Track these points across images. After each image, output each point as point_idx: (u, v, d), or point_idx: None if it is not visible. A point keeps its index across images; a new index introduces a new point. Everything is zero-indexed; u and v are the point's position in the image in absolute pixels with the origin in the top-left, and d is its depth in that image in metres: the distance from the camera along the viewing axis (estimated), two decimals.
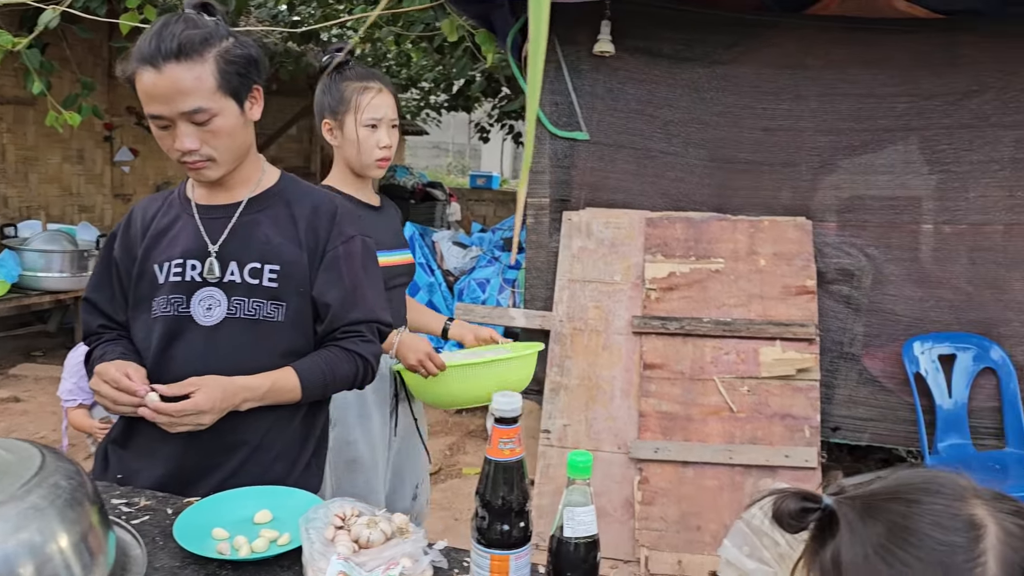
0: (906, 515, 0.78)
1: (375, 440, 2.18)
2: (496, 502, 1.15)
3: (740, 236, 3.55)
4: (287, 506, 1.43)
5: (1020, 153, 3.51)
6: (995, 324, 3.53)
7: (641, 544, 3.22)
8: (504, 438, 1.16)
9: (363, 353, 1.72)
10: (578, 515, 1.17)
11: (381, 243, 2.14)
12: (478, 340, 2.31)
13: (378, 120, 2.11)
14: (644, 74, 3.67)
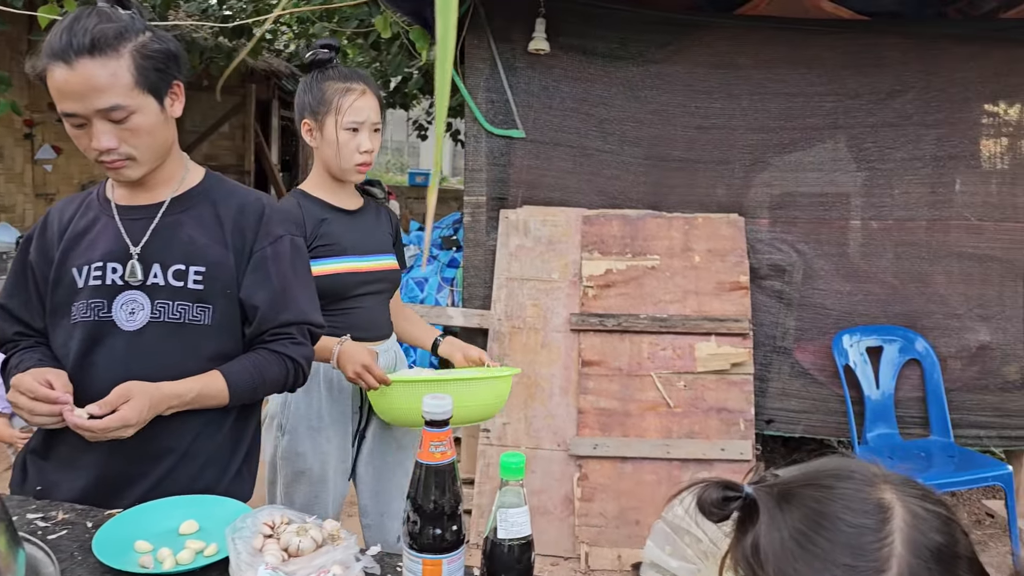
0: (819, 500, 0.81)
1: (327, 454, 2.13)
2: (428, 506, 1.14)
3: (675, 233, 3.60)
4: (215, 515, 1.39)
5: (941, 151, 3.63)
6: (919, 316, 3.64)
7: (581, 540, 3.24)
8: (435, 441, 1.14)
9: (293, 355, 1.68)
10: (511, 516, 1.16)
11: (351, 247, 2.11)
12: (467, 360, 2.21)
13: (359, 123, 2.05)
14: (579, 72, 3.69)
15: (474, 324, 3.64)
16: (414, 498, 1.15)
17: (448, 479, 1.15)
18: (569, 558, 3.27)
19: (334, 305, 2.09)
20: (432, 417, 1.14)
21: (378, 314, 2.18)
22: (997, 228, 3.64)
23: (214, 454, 1.67)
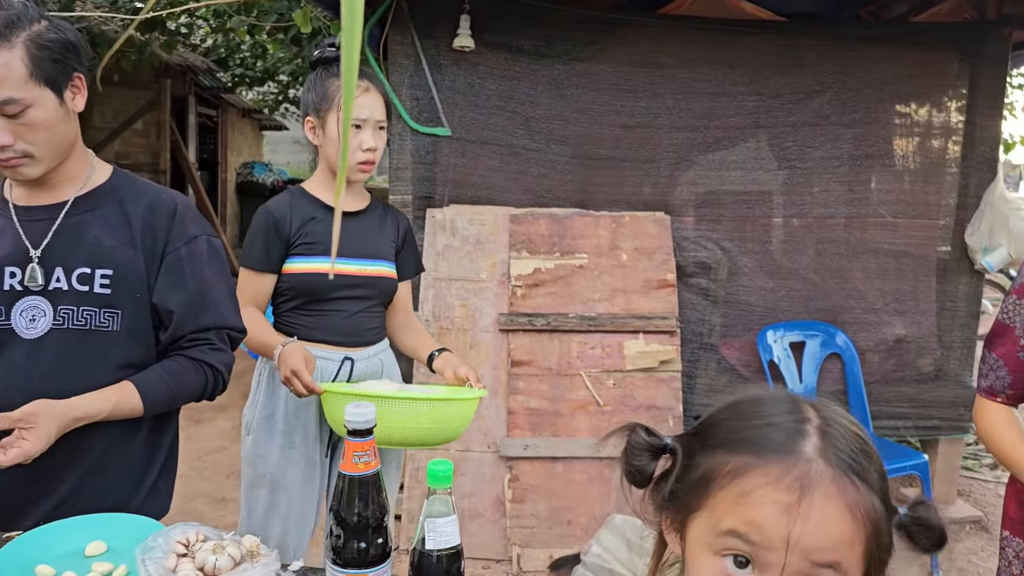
0: (739, 414, 0.86)
1: (291, 461, 2.07)
2: (351, 519, 1.09)
3: (603, 231, 3.60)
4: (125, 535, 1.30)
5: (858, 150, 3.73)
6: (839, 312, 3.73)
7: (513, 542, 3.21)
8: (358, 451, 1.09)
9: (212, 362, 1.61)
10: (440, 526, 1.12)
11: (338, 250, 2.06)
12: (455, 378, 2.12)
13: (362, 120, 2.01)
14: (505, 70, 3.65)
15: None
16: (337, 511, 1.10)
17: (372, 490, 1.10)
18: (501, 560, 3.24)
19: (310, 305, 2.07)
20: (354, 426, 1.09)
21: (361, 320, 2.12)
22: (910, 225, 3.76)
23: (126, 467, 1.59)
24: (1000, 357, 1.62)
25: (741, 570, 0.77)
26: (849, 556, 0.76)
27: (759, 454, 0.79)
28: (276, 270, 2.05)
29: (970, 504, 3.90)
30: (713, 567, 0.78)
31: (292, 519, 2.07)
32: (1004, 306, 1.62)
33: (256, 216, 2.09)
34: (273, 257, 2.04)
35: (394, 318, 2.28)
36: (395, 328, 2.28)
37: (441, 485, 1.13)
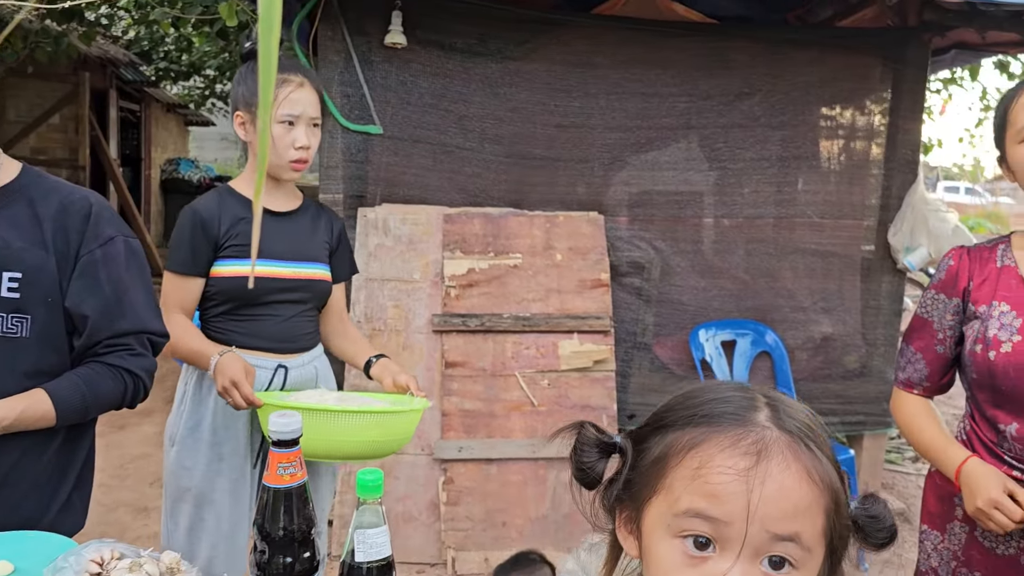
0: (689, 397, 0.85)
1: (218, 473, 1.98)
2: (277, 533, 1.04)
3: (537, 231, 3.59)
4: (35, 554, 1.23)
5: (786, 152, 3.80)
6: (768, 310, 3.80)
7: (447, 545, 3.17)
8: (283, 462, 1.04)
9: (131, 368, 1.54)
10: (370, 537, 1.08)
11: (269, 251, 1.97)
12: (396, 386, 2.05)
13: (295, 117, 1.92)
14: (438, 68, 3.61)
15: None
16: (261, 525, 1.05)
17: (299, 502, 1.06)
18: (435, 564, 3.20)
19: (241, 310, 1.98)
20: (280, 437, 1.05)
21: (296, 325, 2.04)
22: (836, 225, 3.85)
23: (37, 481, 1.50)
24: (918, 351, 1.66)
25: (702, 551, 0.75)
26: (810, 528, 0.74)
27: (714, 425, 0.78)
28: (204, 273, 1.96)
29: (893, 496, 4.02)
30: (674, 550, 0.76)
31: (221, 534, 1.99)
32: (923, 301, 1.67)
33: (181, 216, 1.99)
34: (200, 260, 1.95)
35: (328, 322, 2.21)
36: (329, 333, 2.21)
37: (371, 495, 1.09)
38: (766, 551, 0.73)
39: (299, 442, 1.07)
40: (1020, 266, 1.53)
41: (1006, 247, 1.58)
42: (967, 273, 1.59)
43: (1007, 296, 1.52)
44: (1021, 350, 1.46)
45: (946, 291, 1.61)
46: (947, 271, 1.62)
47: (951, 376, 1.67)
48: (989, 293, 1.54)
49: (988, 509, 1.44)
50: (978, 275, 1.58)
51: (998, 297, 1.52)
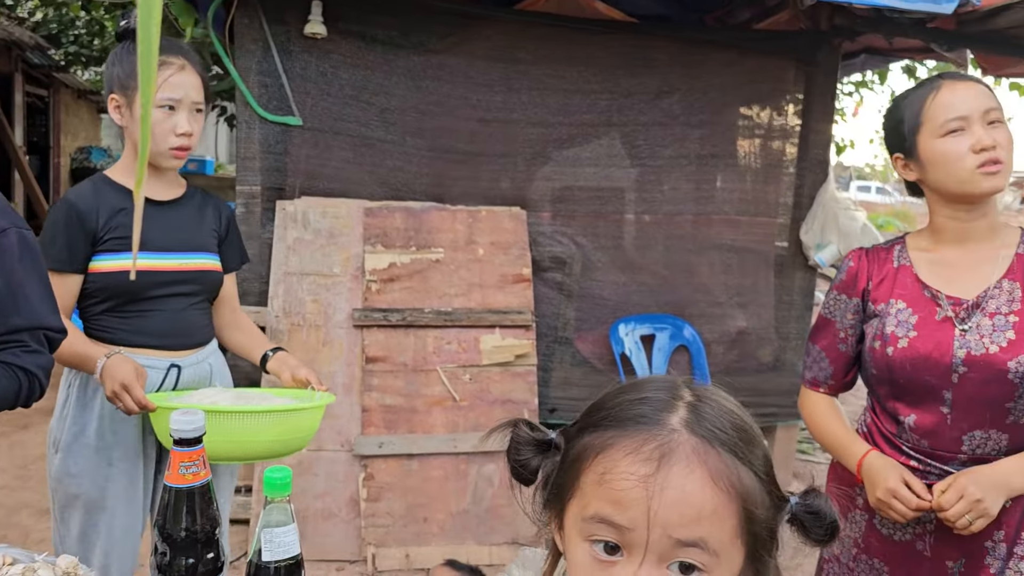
0: (618, 394, 0.83)
1: (110, 478, 1.89)
2: (178, 534, 1.01)
3: (459, 226, 3.57)
4: None
5: (704, 150, 3.87)
6: (686, 305, 3.87)
7: (368, 542, 3.14)
8: (185, 461, 1.01)
9: (26, 366, 1.47)
10: (277, 536, 1.06)
11: (152, 243, 1.87)
12: (295, 381, 1.97)
13: (176, 101, 1.82)
14: (359, 59, 3.56)
15: None
16: (162, 526, 1.02)
17: (202, 502, 1.03)
18: (355, 561, 3.16)
19: (127, 306, 1.88)
20: (181, 435, 1.01)
21: (187, 320, 1.95)
22: (752, 222, 3.95)
23: None
24: (823, 349, 1.72)
25: (611, 556, 0.74)
26: (717, 533, 0.73)
27: (623, 428, 0.77)
28: (82, 269, 1.85)
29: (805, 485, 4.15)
30: (585, 554, 0.76)
31: (115, 540, 1.91)
32: (826, 301, 1.72)
33: (54, 210, 1.87)
34: (78, 255, 1.84)
35: (220, 314, 2.12)
36: (223, 325, 2.13)
37: (279, 493, 1.06)
38: (671, 557, 0.73)
39: (202, 440, 1.04)
40: (915, 265, 1.60)
41: (902, 247, 1.64)
42: (866, 273, 1.65)
43: (903, 294, 1.58)
44: (916, 345, 1.52)
45: (847, 291, 1.67)
46: (847, 272, 1.68)
47: (854, 374, 1.73)
48: (887, 292, 1.60)
49: (887, 499, 1.50)
50: (876, 275, 1.63)
51: (895, 295, 1.59)
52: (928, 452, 1.54)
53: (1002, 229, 1.55)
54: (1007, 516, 1.51)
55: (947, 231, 1.57)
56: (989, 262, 1.53)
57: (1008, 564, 1.52)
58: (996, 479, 1.44)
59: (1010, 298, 1.48)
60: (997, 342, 1.46)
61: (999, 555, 1.52)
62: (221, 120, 9.89)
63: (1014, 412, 1.47)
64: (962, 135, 1.48)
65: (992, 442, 1.49)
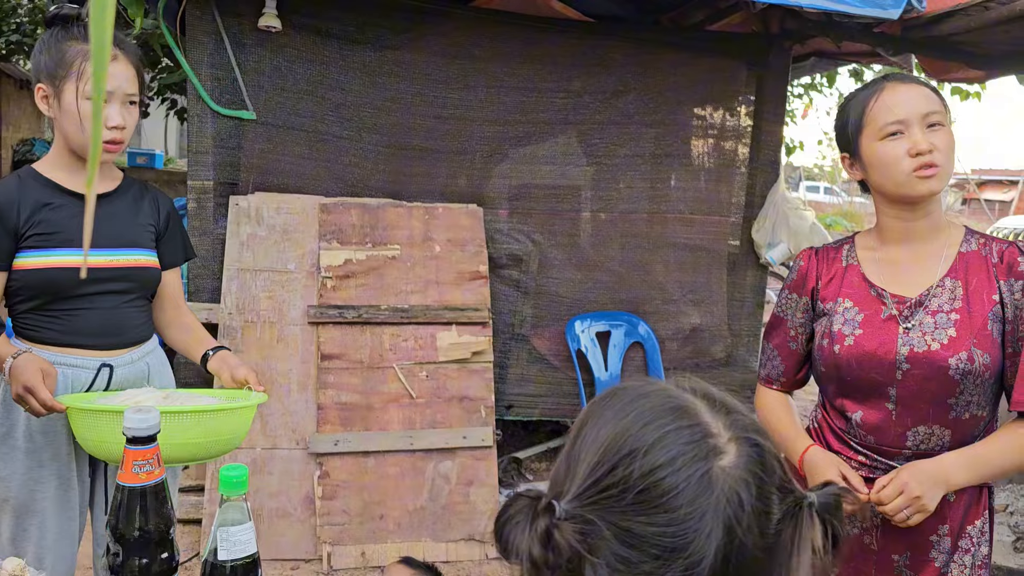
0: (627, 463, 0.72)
1: (40, 481, 1.83)
2: (132, 533, 1.00)
3: (416, 222, 3.57)
4: None
5: (659, 149, 3.92)
6: (641, 302, 3.92)
7: (323, 540, 3.12)
8: (139, 460, 1.00)
9: None
10: (234, 534, 1.05)
11: (80, 239, 1.79)
12: (234, 381, 1.90)
13: (108, 93, 1.75)
14: (314, 54, 3.53)
15: (202, 319, 3.36)
16: (115, 526, 1.00)
17: (155, 501, 1.02)
18: (311, 560, 3.14)
19: (55, 305, 1.81)
20: (135, 433, 1.00)
21: (119, 318, 1.88)
22: (705, 221, 4.01)
23: None
24: (775, 348, 1.75)
25: None
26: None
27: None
28: (5, 267, 1.78)
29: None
30: None
31: (47, 545, 1.84)
32: (779, 300, 1.76)
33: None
34: (0, 252, 1.77)
35: (162, 312, 2.04)
36: (164, 324, 2.05)
37: (235, 492, 1.06)
38: None
39: (156, 439, 1.03)
40: (862, 264, 1.64)
41: (851, 247, 1.68)
42: (815, 273, 1.68)
43: (851, 293, 1.62)
44: (862, 343, 1.55)
45: (797, 291, 1.71)
46: (798, 272, 1.71)
47: (806, 371, 1.77)
48: (835, 291, 1.64)
49: None
50: (825, 274, 1.67)
51: (843, 294, 1.62)
52: (875, 448, 1.58)
53: (946, 228, 1.59)
54: (951, 510, 1.55)
55: (892, 231, 1.60)
56: (933, 261, 1.57)
57: (952, 557, 1.56)
58: (936, 475, 1.47)
59: (952, 296, 1.52)
60: (939, 339, 1.50)
61: (943, 549, 1.56)
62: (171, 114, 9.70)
63: (955, 408, 1.51)
64: (900, 138, 1.50)
65: (936, 437, 1.53)
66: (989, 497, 1.61)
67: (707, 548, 0.68)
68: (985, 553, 1.59)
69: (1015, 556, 3.55)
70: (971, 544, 1.57)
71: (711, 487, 0.70)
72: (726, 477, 0.70)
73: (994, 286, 1.51)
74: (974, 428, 1.53)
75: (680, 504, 0.69)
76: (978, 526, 1.58)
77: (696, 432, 0.72)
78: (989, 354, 1.47)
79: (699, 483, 0.70)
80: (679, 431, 0.72)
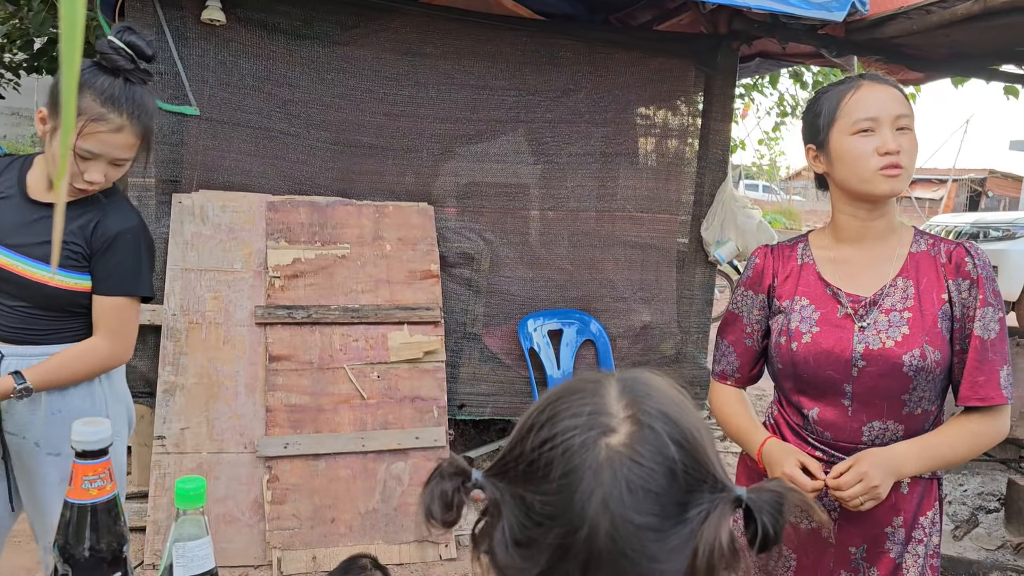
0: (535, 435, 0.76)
1: None
2: (82, 553, 0.95)
3: (366, 221, 3.52)
4: None
5: (608, 148, 3.93)
6: (592, 300, 3.93)
7: (273, 546, 3.06)
8: (89, 475, 0.95)
9: None
10: (191, 550, 1.01)
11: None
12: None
13: (95, 155, 1.72)
14: (260, 49, 3.45)
15: (144, 320, 3.26)
16: (63, 546, 0.95)
17: (108, 518, 0.97)
18: (260, 566, 3.07)
19: None
20: (84, 447, 0.95)
21: (16, 320, 1.82)
22: (654, 219, 4.04)
23: None
24: (730, 344, 1.77)
25: None
26: None
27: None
28: None
29: None
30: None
31: None
32: (734, 297, 1.78)
33: None
34: None
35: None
36: None
37: (192, 505, 1.01)
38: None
39: (108, 452, 0.98)
40: (818, 264, 1.66)
41: (805, 245, 1.71)
42: (771, 271, 1.71)
43: (807, 291, 1.64)
44: (819, 340, 1.58)
45: (753, 288, 1.72)
46: (754, 269, 1.73)
47: (760, 367, 1.79)
48: (791, 289, 1.66)
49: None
50: (781, 272, 1.69)
51: (799, 292, 1.65)
52: (831, 443, 1.61)
53: (899, 229, 1.63)
54: (905, 502, 1.59)
55: (847, 229, 1.63)
56: (886, 261, 1.60)
57: (907, 548, 1.60)
58: (890, 463, 1.50)
59: (904, 295, 1.56)
60: (893, 337, 1.53)
61: (898, 540, 1.60)
62: None
63: (909, 403, 1.54)
64: (870, 136, 1.53)
65: (890, 433, 1.56)
66: (939, 488, 1.65)
67: (582, 519, 0.70)
68: (936, 543, 1.64)
69: (954, 545, 3.67)
70: (924, 534, 1.61)
71: (592, 461, 0.71)
72: (611, 453, 0.72)
73: (943, 285, 1.55)
74: (924, 422, 1.57)
75: (559, 474, 0.72)
76: (930, 516, 1.62)
77: (590, 410, 0.75)
78: (940, 351, 1.51)
79: (579, 455, 0.72)
80: (574, 409, 0.75)
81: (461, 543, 3.34)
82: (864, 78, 1.60)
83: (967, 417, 1.54)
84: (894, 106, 1.54)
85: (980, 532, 3.81)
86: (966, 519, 3.93)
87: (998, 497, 4.16)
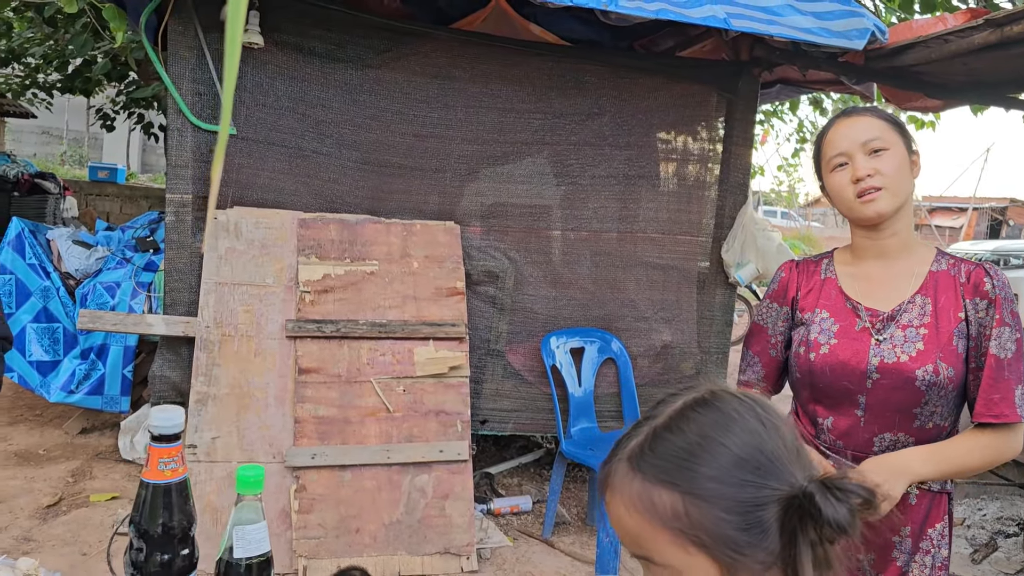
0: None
1: None
2: (155, 530, 1.03)
3: (394, 239, 3.61)
4: None
5: (631, 170, 4.02)
6: (613, 319, 3.99)
7: (299, 554, 3.12)
8: (164, 457, 1.03)
9: None
10: (249, 533, 1.09)
11: None
12: None
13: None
14: (296, 71, 3.57)
15: (179, 332, 3.37)
16: (138, 522, 1.03)
17: (179, 498, 1.05)
18: (286, 574, 3.13)
19: None
20: (160, 431, 1.03)
21: None
22: (675, 241, 4.10)
23: None
24: (755, 354, 1.84)
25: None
26: (656, 549, 0.82)
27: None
28: None
29: None
30: None
31: None
32: (759, 309, 1.85)
33: None
34: None
35: None
36: None
37: (251, 491, 1.09)
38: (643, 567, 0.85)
39: (180, 437, 1.07)
40: (839, 278, 1.73)
41: (829, 261, 1.78)
42: (795, 284, 1.78)
43: (827, 304, 1.71)
44: (836, 351, 1.65)
45: (778, 300, 1.80)
46: (779, 282, 1.81)
47: (783, 378, 1.85)
48: (813, 301, 1.73)
49: None
50: (804, 286, 1.77)
51: (820, 305, 1.72)
52: (843, 452, 1.66)
53: (917, 247, 1.69)
54: (912, 512, 1.64)
55: (863, 248, 1.71)
56: (905, 278, 1.67)
57: (913, 558, 1.65)
58: (897, 465, 1.55)
59: (922, 312, 1.62)
60: (907, 352, 1.59)
61: (905, 549, 1.65)
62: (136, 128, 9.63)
63: (920, 417, 1.60)
64: (845, 169, 1.63)
65: (900, 444, 1.62)
66: (949, 503, 1.69)
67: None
68: (945, 555, 1.68)
69: (972, 568, 3.67)
70: (931, 546, 1.65)
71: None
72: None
73: (960, 304, 1.61)
74: (936, 438, 1.62)
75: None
76: (938, 529, 1.66)
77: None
78: (954, 368, 1.57)
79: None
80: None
81: (482, 556, 3.39)
82: (839, 116, 1.72)
83: (981, 432, 1.59)
84: (862, 134, 1.62)
85: (999, 556, 3.81)
86: (985, 543, 3.94)
87: (1017, 522, 4.17)
